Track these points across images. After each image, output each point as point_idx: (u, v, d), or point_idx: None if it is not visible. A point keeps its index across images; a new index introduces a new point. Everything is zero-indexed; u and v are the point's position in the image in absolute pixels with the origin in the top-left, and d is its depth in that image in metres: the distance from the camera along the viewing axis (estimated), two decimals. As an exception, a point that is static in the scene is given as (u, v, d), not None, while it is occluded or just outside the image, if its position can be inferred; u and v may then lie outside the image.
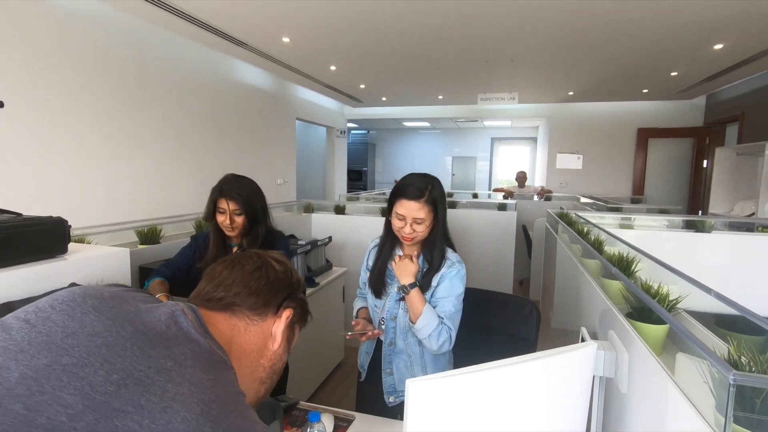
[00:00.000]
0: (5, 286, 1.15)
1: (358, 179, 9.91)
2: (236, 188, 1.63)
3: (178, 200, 3.84)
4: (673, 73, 4.65)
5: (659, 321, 0.96)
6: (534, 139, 9.68)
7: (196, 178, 4.05)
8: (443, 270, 1.36)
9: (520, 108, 7.09)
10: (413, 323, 1.31)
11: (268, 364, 0.73)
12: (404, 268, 1.35)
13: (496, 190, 6.61)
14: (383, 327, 1.42)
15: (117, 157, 3.27)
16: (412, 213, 1.31)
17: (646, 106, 6.50)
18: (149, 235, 2.29)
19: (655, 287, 1.05)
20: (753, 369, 0.61)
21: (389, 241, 1.43)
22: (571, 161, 5.74)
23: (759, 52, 3.70)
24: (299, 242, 3.06)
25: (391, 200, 1.37)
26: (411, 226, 1.32)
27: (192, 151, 4.03)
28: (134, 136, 3.41)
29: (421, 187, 1.31)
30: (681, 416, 0.71)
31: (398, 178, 1.52)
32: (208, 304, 0.71)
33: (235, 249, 1.75)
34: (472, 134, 10.00)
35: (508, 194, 6.14)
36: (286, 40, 3.76)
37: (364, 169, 10.21)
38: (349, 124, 8.73)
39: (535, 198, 6.06)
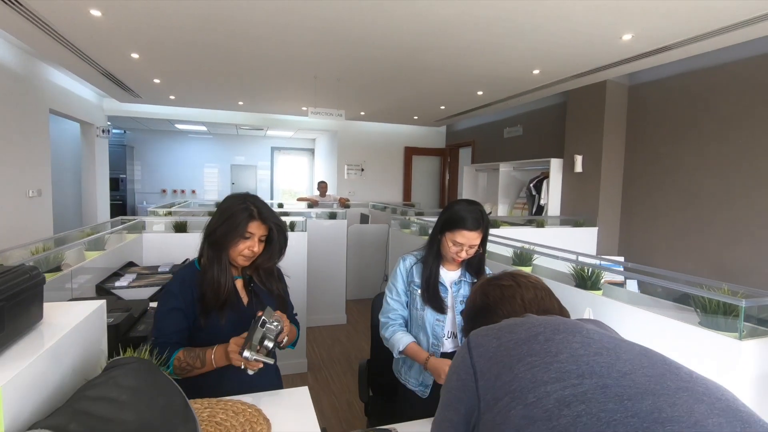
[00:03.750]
0: None
1: (114, 188, 8.12)
2: (268, 209, 1.38)
3: None
4: (442, 107, 6.03)
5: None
6: (311, 151, 10.30)
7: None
8: None
9: (310, 121, 7.52)
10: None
11: None
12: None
13: (299, 200, 6.80)
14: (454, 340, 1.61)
15: None
16: (470, 241, 1.52)
17: (411, 129, 8.04)
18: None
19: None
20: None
21: (433, 257, 1.60)
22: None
23: (502, 98, 5.31)
24: (160, 270, 2.51)
25: (448, 228, 1.55)
26: (466, 251, 1.51)
27: None
28: None
29: (478, 217, 1.52)
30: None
31: (165, 188, 1.62)
32: None
33: (239, 282, 1.44)
34: (251, 142, 9.78)
35: (313, 203, 6.46)
36: (95, 13, 2.93)
37: (122, 176, 8.46)
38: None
39: (335, 206, 6.60)
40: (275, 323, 1.18)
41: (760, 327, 1.21)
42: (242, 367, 1.17)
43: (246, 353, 1.15)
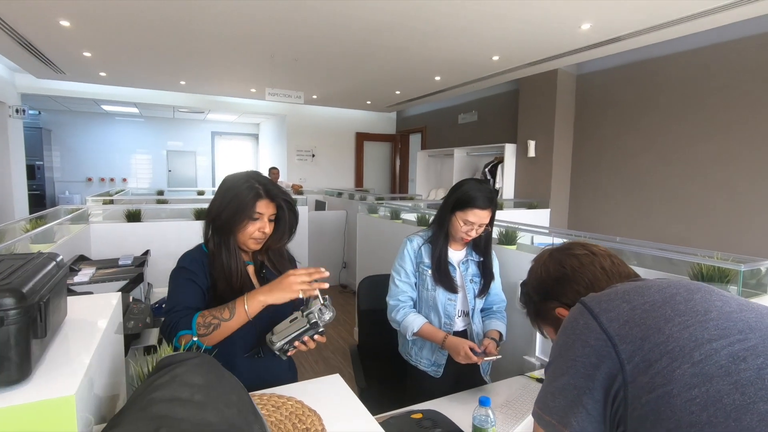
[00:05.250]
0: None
1: (30, 177, 7.20)
2: (274, 185, 1.26)
3: None
4: (397, 92, 6.01)
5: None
6: (255, 136, 9.84)
7: None
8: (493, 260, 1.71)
9: (256, 104, 7.15)
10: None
11: None
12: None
13: (250, 187, 6.47)
14: (474, 321, 1.66)
15: None
16: (481, 219, 1.53)
17: (362, 114, 7.94)
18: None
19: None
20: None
21: (443, 237, 1.60)
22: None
23: (458, 84, 5.39)
24: (121, 263, 2.27)
25: (459, 207, 1.54)
26: (476, 230, 1.52)
27: None
28: None
29: (489, 196, 1.53)
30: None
31: (91, 176, 1.56)
32: None
33: (250, 268, 1.32)
34: (189, 126, 9.11)
35: (264, 190, 6.19)
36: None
37: (39, 163, 7.52)
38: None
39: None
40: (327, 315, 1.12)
41: (752, 291, 1.34)
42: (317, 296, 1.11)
43: (279, 343, 1.08)
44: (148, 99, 6.61)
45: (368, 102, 6.93)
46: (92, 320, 0.75)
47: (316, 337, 1.14)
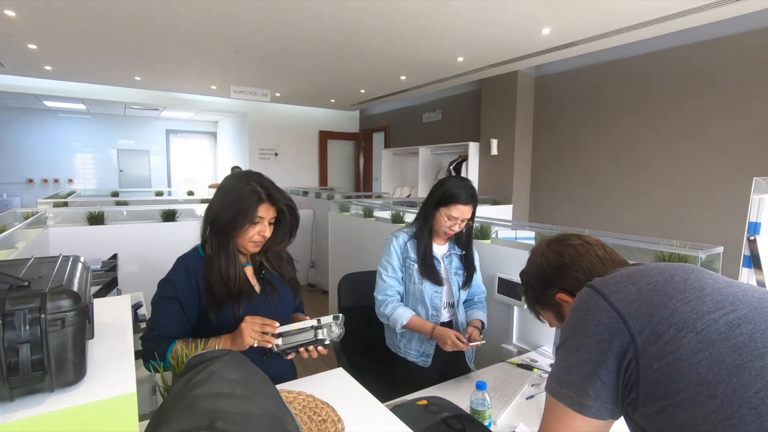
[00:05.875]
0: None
1: (-38, 179, 6.62)
2: (276, 188, 1.26)
3: None
4: (362, 90, 6.04)
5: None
6: (213, 134, 9.53)
7: None
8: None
9: (214, 102, 6.94)
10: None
11: None
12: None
13: (212, 186, 6.29)
14: (459, 311, 1.72)
15: None
16: (464, 214, 1.61)
17: (325, 112, 7.89)
18: None
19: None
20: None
21: (427, 233, 1.67)
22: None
23: (423, 84, 5.49)
24: (91, 268, 2.18)
25: (443, 203, 1.62)
26: (459, 224, 1.61)
27: None
28: None
29: (471, 192, 1.62)
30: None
31: (33, 177, 1.59)
32: None
33: (248, 269, 1.31)
34: (142, 124, 8.67)
35: (227, 190, 6.04)
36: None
37: (-29, 164, 6.91)
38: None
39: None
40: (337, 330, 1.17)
41: (707, 272, 1.50)
42: (271, 347, 1.13)
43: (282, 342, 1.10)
44: (96, 95, 6.23)
45: (332, 100, 6.91)
46: (113, 322, 0.75)
47: (319, 348, 1.18)
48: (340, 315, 1.17)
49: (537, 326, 1.95)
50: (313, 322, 1.16)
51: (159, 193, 6.89)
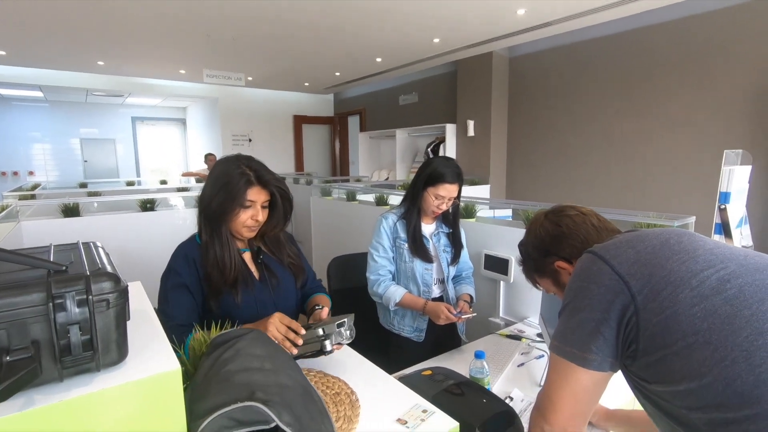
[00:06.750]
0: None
1: None
2: (267, 171, 1.24)
3: None
4: (337, 73, 5.96)
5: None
6: (182, 121, 9.22)
7: None
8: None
9: (182, 87, 6.70)
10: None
11: None
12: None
13: (185, 175, 6.14)
14: (449, 286, 1.76)
15: None
16: (451, 193, 1.66)
17: (298, 96, 7.75)
18: None
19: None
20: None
21: (416, 213, 1.72)
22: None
23: (399, 65, 5.47)
24: None
25: (430, 183, 1.66)
26: (446, 203, 1.66)
27: None
28: None
29: (457, 171, 1.67)
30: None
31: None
32: None
33: (246, 255, 1.30)
34: (105, 112, 8.28)
35: (201, 178, 5.90)
36: None
37: None
38: None
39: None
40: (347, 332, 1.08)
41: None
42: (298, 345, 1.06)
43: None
44: (55, 81, 5.92)
45: (306, 84, 6.80)
46: (136, 307, 0.75)
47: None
48: (345, 320, 1.08)
49: (523, 299, 2.05)
50: (319, 332, 1.06)
51: (130, 183, 6.65)
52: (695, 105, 3.53)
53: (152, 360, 0.55)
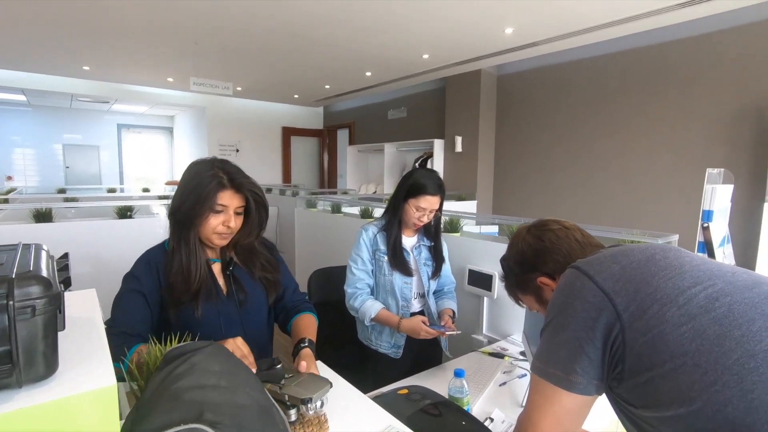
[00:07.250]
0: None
1: None
2: (242, 175, 1.18)
3: None
4: (327, 86, 5.97)
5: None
6: (170, 129, 9.12)
7: None
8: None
9: (170, 95, 6.64)
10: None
11: None
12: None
13: (169, 183, 6.03)
14: (429, 301, 1.72)
15: None
16: (432, 205, 1.63)
17: (288, 108, 7.74)
18: None
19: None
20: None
21: (396, 225, 1.68)
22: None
23: (389, 80, 5.50)
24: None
25: (411, 194, 1.62)
26: (427, 215, 1.63)
27: None
28: None
29: (438, 182, 1.63)
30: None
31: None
32: None
33: (216, 266, 1.23)
34: (90, 118, 8.15)
35: (186, 187, 5.82)
36: None
37: None
38: None
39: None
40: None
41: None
42: None
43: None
44: (39, 85, 5.80)
45: (296, 96, 6.79)
46: (83, 315, 0.69)
47: None
48: (314, 396, 0.89)
49: (506, 316, 2.00)
50: (285, 397, 0.91)
51: (111, 190, 6.51)
52: (677, 125, 3.59)
53: (86, 375, 0.49)
